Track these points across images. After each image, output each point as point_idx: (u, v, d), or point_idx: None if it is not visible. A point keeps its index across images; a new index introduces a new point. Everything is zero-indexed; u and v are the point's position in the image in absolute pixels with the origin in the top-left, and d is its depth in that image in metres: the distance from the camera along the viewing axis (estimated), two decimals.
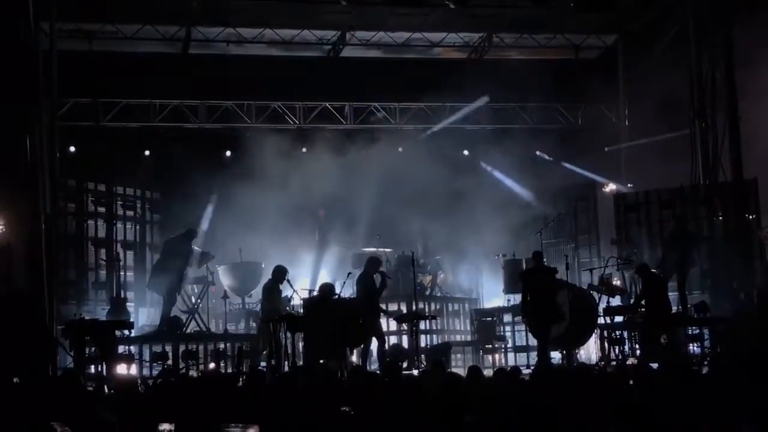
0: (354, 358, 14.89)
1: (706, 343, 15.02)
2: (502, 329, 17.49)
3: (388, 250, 19.01)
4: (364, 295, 14.84)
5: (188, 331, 15.78)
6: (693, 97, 18.59)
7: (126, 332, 14.38)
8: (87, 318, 14.58)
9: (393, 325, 16.74)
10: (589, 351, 16.33)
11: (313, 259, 20.13)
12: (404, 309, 16.88)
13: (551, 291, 14.73)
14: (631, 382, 8.23)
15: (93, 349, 13.55)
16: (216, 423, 6.23)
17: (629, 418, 6.31)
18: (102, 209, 18.93)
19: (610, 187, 20.53)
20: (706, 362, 13.19)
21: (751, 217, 18.07)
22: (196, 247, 16.80)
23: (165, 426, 6.29)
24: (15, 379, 10.64)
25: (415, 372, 13.64)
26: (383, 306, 15.33)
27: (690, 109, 18.63)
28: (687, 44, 18.94)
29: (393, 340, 16.74)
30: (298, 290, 15.43)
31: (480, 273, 21.42)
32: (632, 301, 15.86)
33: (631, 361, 14.03)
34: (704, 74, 18.56)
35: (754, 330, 13.43)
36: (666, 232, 17.80)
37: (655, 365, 10.14)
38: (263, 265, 17.67)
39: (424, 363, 14.72)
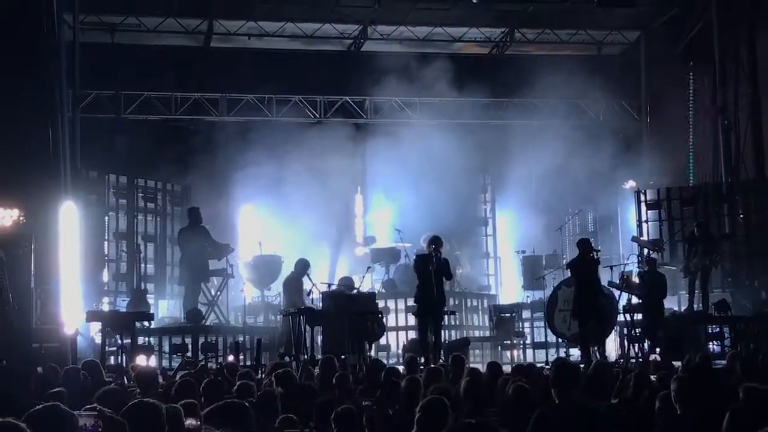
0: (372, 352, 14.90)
1: (727, 342, 14.97)
2: (520, 325, 17.47)
3: (408, 244, 18.96)
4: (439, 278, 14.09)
5: (207, 323, 15.85)
6: (715, 94, 18.51)
7: (146, 323, 14.47)
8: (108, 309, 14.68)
9: (411, 320, 16.72)
10: (609, 348, 16.26)
11: (331, 253, 20.15)
12: None
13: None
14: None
15: (113, 339, 13.65)
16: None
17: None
18: (123, 201, 19.02)
19: (631, 183, 20.42)
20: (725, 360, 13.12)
21: None
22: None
23: (191, 420, 6.26)
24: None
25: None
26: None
27: (712, 106, 18.54)
28: (710, 41, 18.85)
29: (411, 335, 16.72)
30: (317, 284, 15.44)
31: (499, 269, 21.40)
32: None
33: (653, 357, 13.96)
34: (727, 71, 18.47)
35: None
36: (687, 229, 17.69)
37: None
38: (283, 259, 17.70)
39: (443, 358, 14.68)
